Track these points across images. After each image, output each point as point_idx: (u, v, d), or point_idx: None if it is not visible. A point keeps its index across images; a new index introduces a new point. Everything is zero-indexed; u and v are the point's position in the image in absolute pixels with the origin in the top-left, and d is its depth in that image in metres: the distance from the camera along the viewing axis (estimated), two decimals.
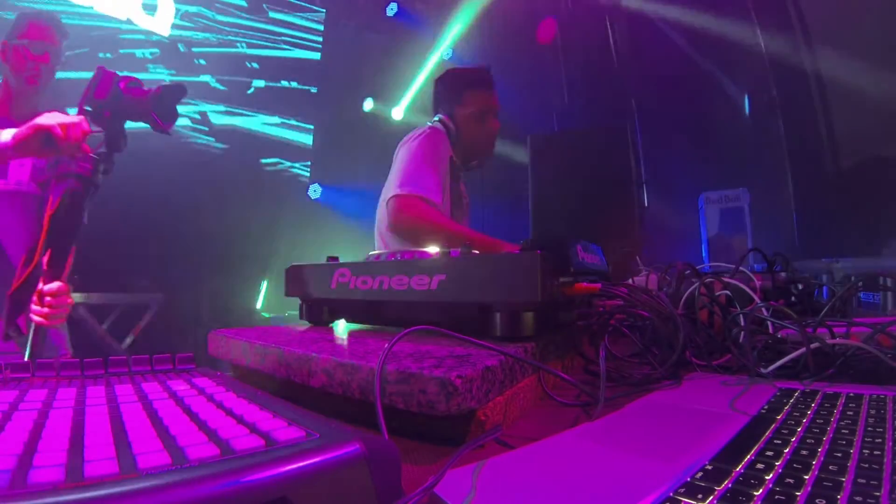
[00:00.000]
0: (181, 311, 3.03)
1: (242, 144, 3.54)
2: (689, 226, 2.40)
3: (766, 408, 0.35)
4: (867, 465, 0.24)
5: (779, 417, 0.33)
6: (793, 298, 0.86)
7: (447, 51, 3.73)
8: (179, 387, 0.35)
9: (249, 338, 0.57)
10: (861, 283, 0.86)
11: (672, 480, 0.23)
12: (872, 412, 0.33)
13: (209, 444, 0.22)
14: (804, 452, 0.26)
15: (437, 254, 0.58)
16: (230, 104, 3.48)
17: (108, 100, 0.89)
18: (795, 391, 0.39)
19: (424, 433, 0.37)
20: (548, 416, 0.44)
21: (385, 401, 0.37)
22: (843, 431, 0.29)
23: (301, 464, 0.20)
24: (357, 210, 2.93)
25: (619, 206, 2.16)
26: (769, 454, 0.26)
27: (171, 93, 0.93)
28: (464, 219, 1.56)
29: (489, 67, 1.52)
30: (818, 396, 0.37)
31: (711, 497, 0.21)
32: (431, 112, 1.54)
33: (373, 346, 0.49)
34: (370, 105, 3.96)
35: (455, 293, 0.52)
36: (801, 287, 0.87)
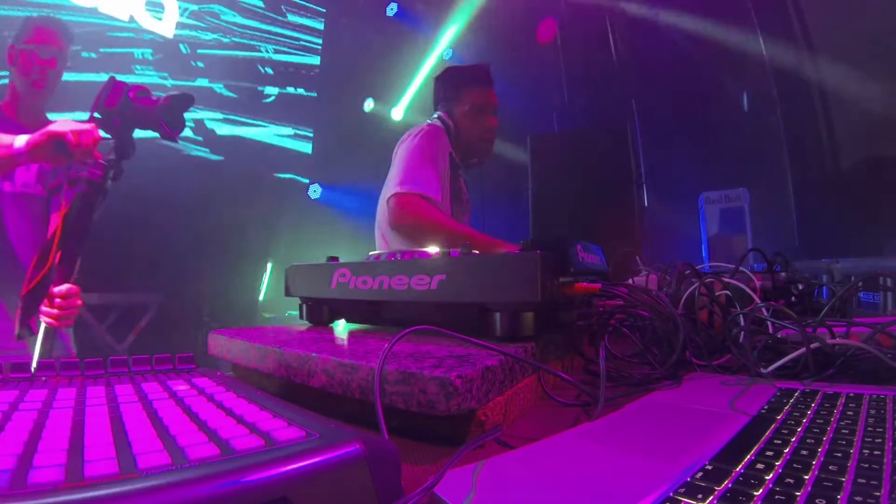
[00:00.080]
0: (181, 311, 3.02)
1: (242, 150, 3.54)
2: (689, 226, 2.40)
3: (766, 408, 0.35)
4: (867, 465, 0.24)
5: (779, 417, 0.33)
6: (793, 298, 0.86)
7: (447, 51, 3.73)
8: (179, 387, 0.35)
9: (249, 338, 0.57)
10: (861, 283, 0.86)
11: (672, 480, 0.23)
12: (872, 412, 0.33)
13: (209, 444, 0.22)
14: (804, 452, 0.26)
15: (437, 254, 0.58)
16: (228, 111, 3.47)
17: (118, 108, 0.93)
18: (795, 391, 0.39)
19: (424, 433, 0.37)
20: (548, 416, 0.44)
21: (385, 401, 0.37)
22: (843, 431, 0.29)
23: (301, 464, 0.20)
24: (357, 210, 2.94)
25: (619, 206, 2.16)
26: (769, 454, 0.26)
27: (179, 102, 0.96)
28: (464, 215, 1.55)
29: (488, 65, 1.52)
30: (818, 396, 0.37)
31: (711, 497, 0.21)
32: (432, 111, 1.54)
33: (373, 346, 0.49)
34: (370, 105, 3.96)
35: (455, 293, 0.52)
36: (801, 287, 0.87)
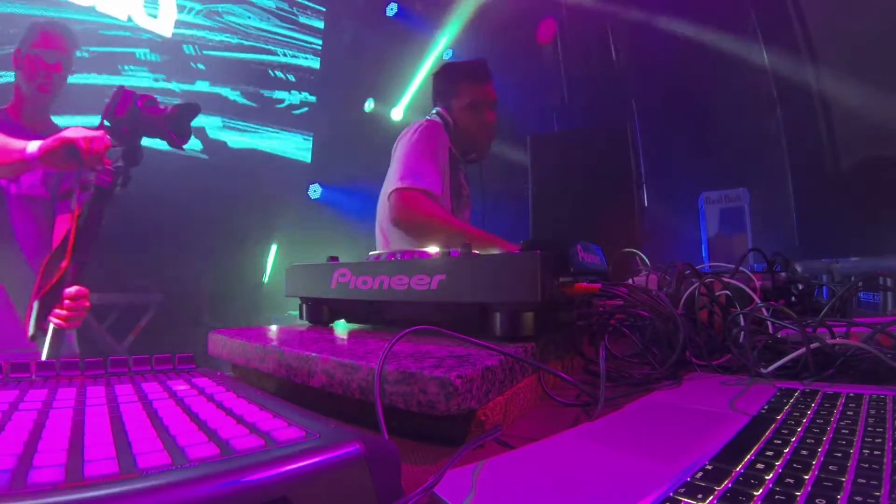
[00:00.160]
0: (181, 311, 3.03)
1: (242, 151, 3.54)
2: (689, 226, 2.40)
3: (766, 408, 0.35)
4: (867, 465, 0.24)
5: (779, 417, 0.33)
6: (793, 298, 0.86)
7: (447, 51, 3.73)
8: (179, 387, 0.35)
9: (249, 338, 0.57)
10: (861, 283, 0.86)
11: (672, 480, 0.23)
12: (872, 412, 0.33)
13: (209, 444, 0.22)
14: (804, 452, 0.26)
15: (437, 254, 0.58)
16: (228, 114, 3.46)
17: (127, 117, 0.95)
18: (795, 391, 0.39)
19: (424, 433, 0.37)
20: (548, 416, 0.44)
21: (385, 401, 0.37)
22: (843, 431, 0.29)
23: (301, 464, 0.20)
24: (357, 210, 2.93)
25: (619, 206, 2.16)
26: (769, 454, 0.26)
27: (186, 111, 0.99)
28: (465, 210, 1.56)
29: (486, 60, 1.52)
30: (818, 396, 0.37)
31: (711, 497, 0.21)
32: (431, 109, 1.54)
33: (373, 346, 0.49)
34: (370, 105, 3.96)
35: (455, 293, 0.52)
36: (802, 287, 0.87)
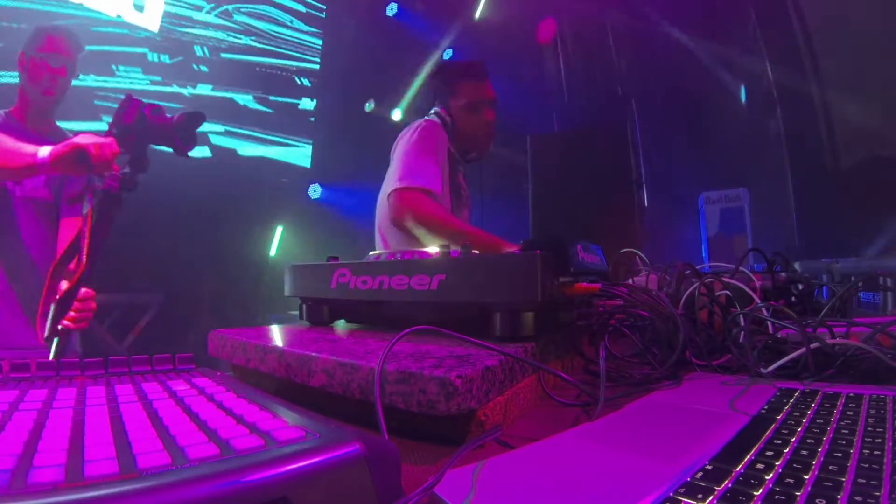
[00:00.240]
0: (181, 311, 3.02)
1: (243, 152, 3.54)
2: (689, 226, 2.40)
3: (766, 408, 0.35)
4: (867, 465, 0.24)
5: (779, 417, 0.33)
6: (793, 298, 0.86)
7: (447, 50, 3.73)
8: (179, 387, 0.35)
9: (249, 338, 0.57)
10: (861, 283, 0.86)
11: (672, 480, 0.23)
12: (872, 412, 0.33)
13: (209, 444, 0.22)
14: (804, 452, 0.26)
15: (437, 254, 0.58)
16: (229, 117, 3.46)
17: (135, 124, 0.98)
18: (795, 391, 0.39)
19: (424, 433, 0.37)
20: (548, 416, 0.44)
21: (385, 401, 0.37)
22: (843, 431, 0.29)
23: (301, 464, 0.20)
24: (357, 210, 2.93)
25: (619, 206, 2.17)
26: (769, 454, 0.26)
27: (192, 119, 1.01)
28: (464, 211, 1.56)
29: (484, 60, 1.52)
30: (818, 396, 0.37)
31: (711, 497, 0.21)
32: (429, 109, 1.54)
33: (373, 346, 0.49)
34: (370, 105, 3.96)
35: (455, 293, 0.52)
36: (801, 287, 0.87)
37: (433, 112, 1.48)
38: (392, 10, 3.93)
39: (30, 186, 1.25)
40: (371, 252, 0.67)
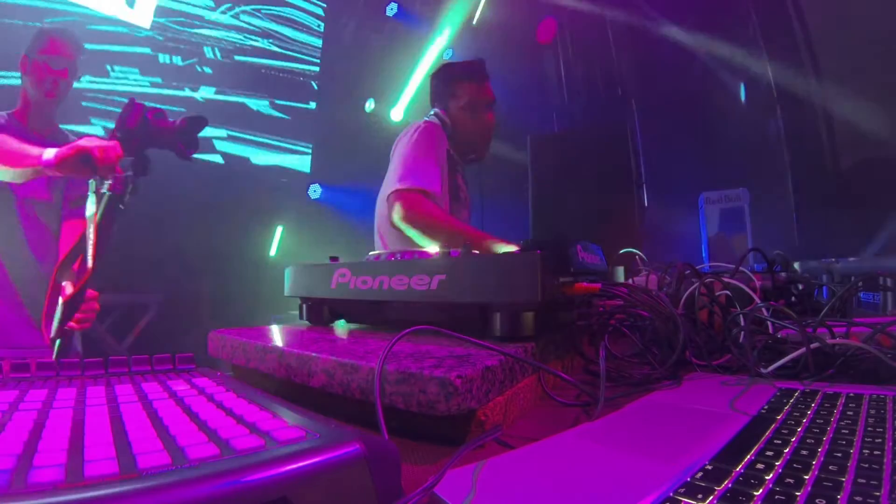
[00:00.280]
0: (181, 311, 3.03)
1: (242, 152, 3.53)
2: (689, 226, 2.40)
3: (766, 408, 0.35)
4: (867, 465, 0.24)
5: (779, 417, 0.33)
6: (793, 298, 0.86)
7: (447, 51, 3.73)
8: (179, 387, 0.35)
9: (249, 338, 0.57)
10: (861, 283, 0.86)
11: (672, 480, 0.23)
12: (872, 412, 0.33)
13: (209, 444, 0.22)
14: (804, 452, 0.26)
15: (437, 254, 0.58)
16: (229, 119, 3.45)
17: (137, 128, 0.99)
18: (795, 391, 0.39)
19: (424, 433, 0.37)
20: (548, 416, 0.44)
21: (385, 401, 0.37)
22: (843, 431, 0.29)
23: (301, 464, 0.20)
24: (357, 210, 2.93)
25: (619, 206, 2.16)
26: (769, 454, 0.26)
27: (194, 123, 1.02)
28: (463, 212, 1.56)
29: (483, 60, 1.52)
30: (818, 396, 0.37)
31: (711, 497, 0.21)
32: (429, 109, 1.54)
33: (373, 346, 0.49)
34: (370, 105, 3.96)
35: (455, 293, 0.52)
36: (801, 287, 0.87)
37: (433, 113, 1.48)
38: (392, 11, 3.93)
39: (31, 188, 1.26)
40: (371, 252, 0.67)
